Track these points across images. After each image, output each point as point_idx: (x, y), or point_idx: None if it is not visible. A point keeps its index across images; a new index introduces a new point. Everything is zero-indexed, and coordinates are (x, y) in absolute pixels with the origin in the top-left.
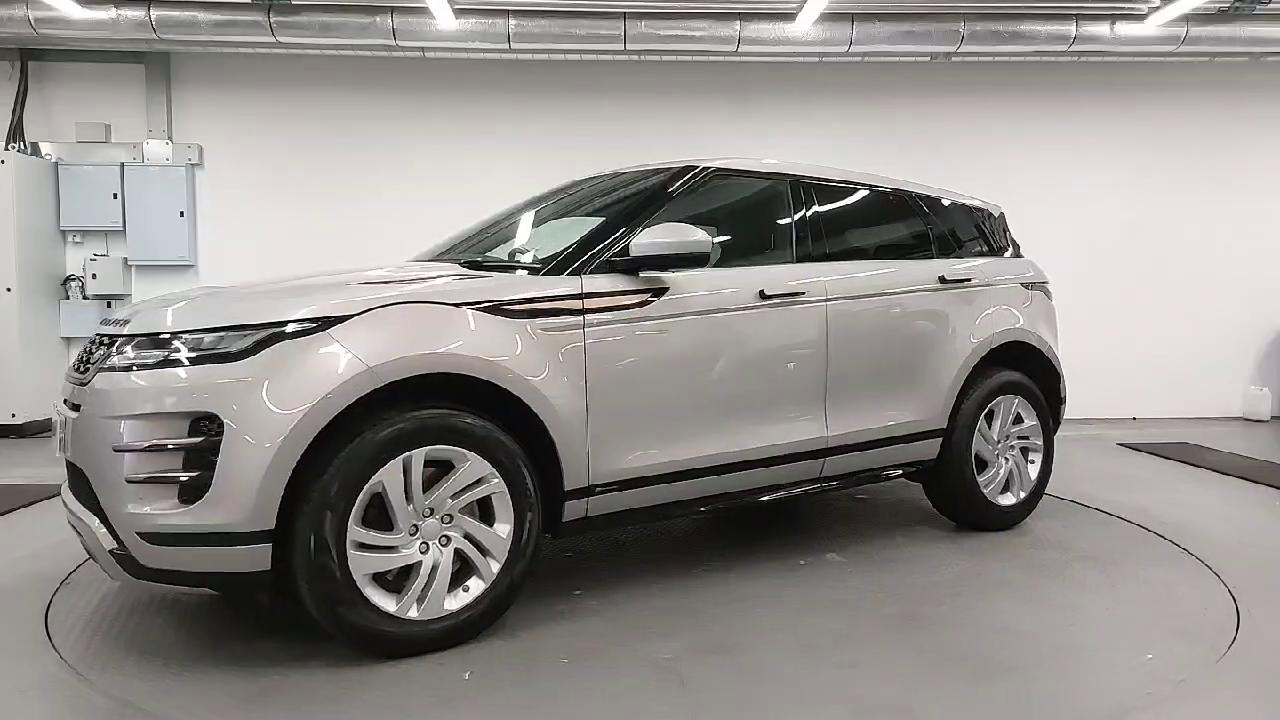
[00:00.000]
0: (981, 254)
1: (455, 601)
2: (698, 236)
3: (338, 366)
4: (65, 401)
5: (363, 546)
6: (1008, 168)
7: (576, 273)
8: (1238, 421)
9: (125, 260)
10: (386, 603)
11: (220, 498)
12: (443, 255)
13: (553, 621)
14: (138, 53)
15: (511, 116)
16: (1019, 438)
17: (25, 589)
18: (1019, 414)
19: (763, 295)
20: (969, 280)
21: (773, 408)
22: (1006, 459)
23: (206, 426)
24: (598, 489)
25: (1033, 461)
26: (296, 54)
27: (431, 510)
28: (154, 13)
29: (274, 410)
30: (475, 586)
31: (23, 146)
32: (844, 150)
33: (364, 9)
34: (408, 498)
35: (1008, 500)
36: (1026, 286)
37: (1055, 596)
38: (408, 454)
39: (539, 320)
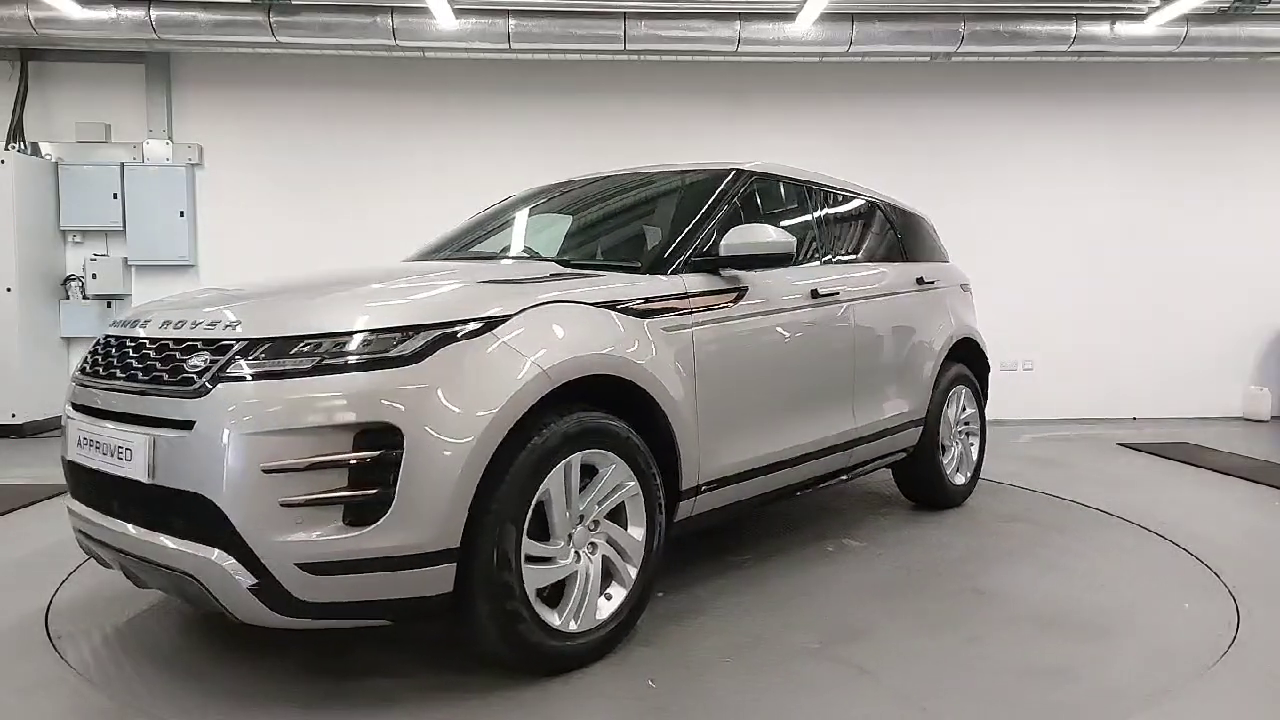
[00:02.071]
0: (931, 259)
1: (604, 610)
2: (785, 238)
3: (516, 369)
4: (125, 416)
5: (529, 559)
6: (1007, 168)
7: (676, 272)
8: (1238, 421)
9: (125, 260)
10: (551, 617)
11: (404, 516)
12: (466, 251)
13: (670, 624)
14: (138, 53)
15: (511, 117)
16: (964, 423)
17: (25, 589)
18: (965, 403)
19: (814, 294)
20: (935, 283)
21: (822, 401)
22: (958, 443)
23: (380, 438)
24: (703, 488)
25: (973, 444)
26: (296, 54)
27: (581, 517)
28: (154, 13)
29: (458, 417)
30: (617, 594)
31: (23, 146)
32: (844, 150)
33: (364, 9)
34: (565, 505)
35: (960, 480)
36: (962, 288)
37: (1077, 565)
38: (567, 459)
39: (658, 319)
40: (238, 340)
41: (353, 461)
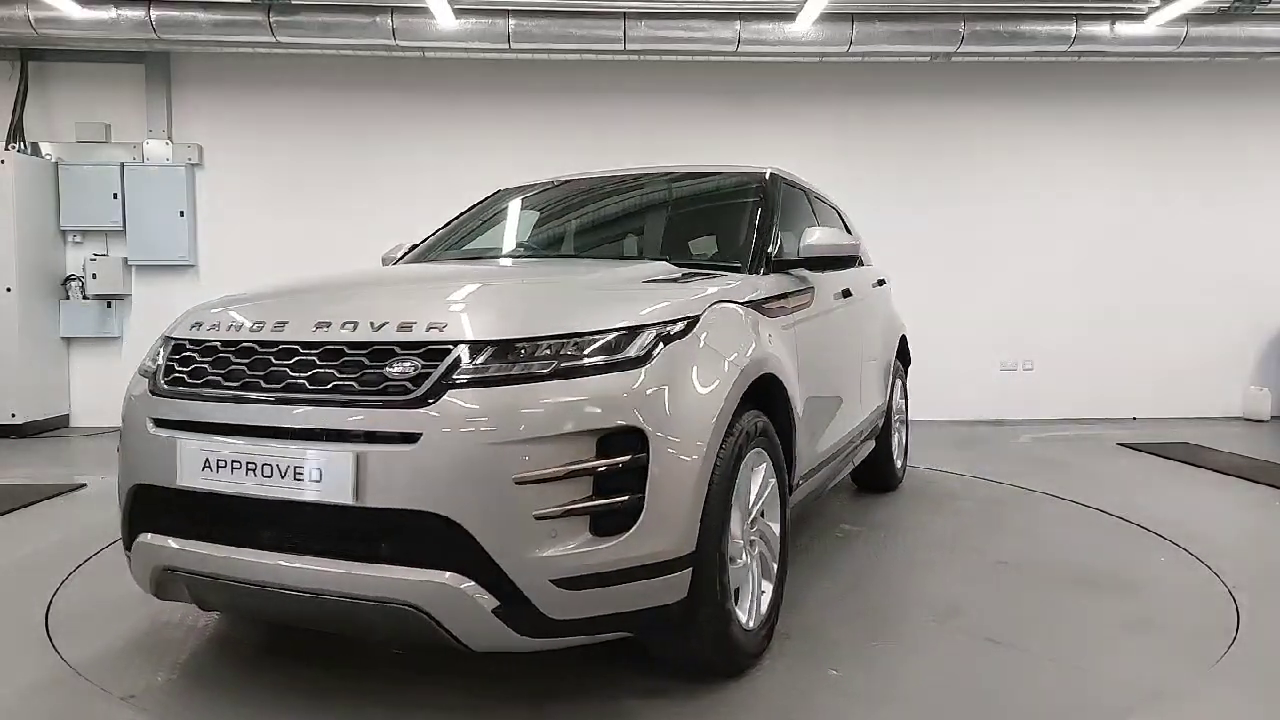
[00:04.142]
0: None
1: (764, 605)
2: (854, 240)
3: (722, 369)
4: (294, 432)
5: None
6: (1007, 167)
7: (768, 272)
8: (1238, 421)
9: (125, 260)
10: (741, 616)
11: (655, 523)
12: (518, 249)
13: (787, 615)
14: (138, 53)
15: (511, 116)
16: (899, 412)
17: (25, 589)
18: (901, 394)
19: (846, 294)
20: (885, 281)
21: (851, 394)
22: (899, 431)
23: (625, 442)
24: (800, 482)
25: (905, 432)
26: (296, 54)
27: (748, 515)
28: (154, 13)
29: (690, 419)
30: (767, 588)
31: (23, 146)
32: (844, 150)
33: (364, 9)
34: (746, 503)
35: (899, 464)
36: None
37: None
38: (745, 458)
39: (776, 319)
40: (452, 343)
41: (601, 468)
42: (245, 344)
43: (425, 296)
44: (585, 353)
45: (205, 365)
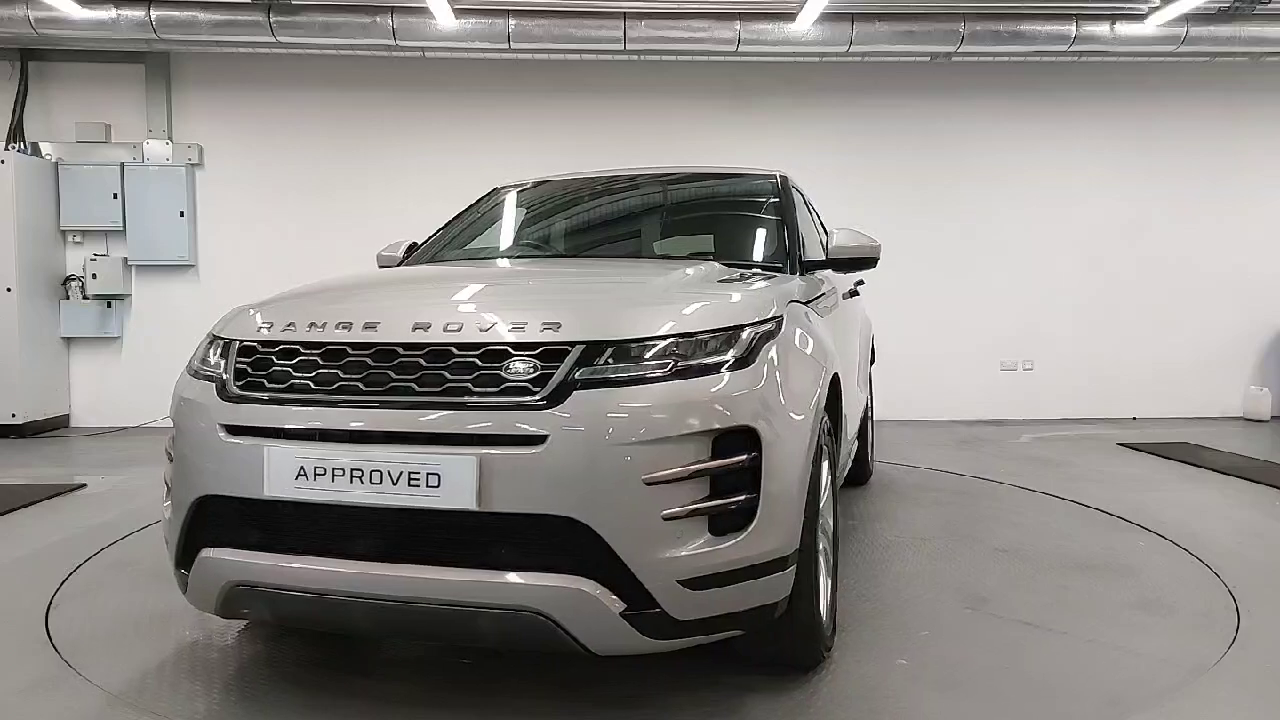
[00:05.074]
0: None
1: (827, 599)
2: (876, 241)
3: (812, 366)
4: (404, 436)
5: None
6: (1008, 168)
7: (804, 273)
8: (1238, 421)
9: (125, 260)
10: (821, 609)
11: (768, 521)
12: (545, 249)
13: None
14: (138, 53)
15: (511, 116)
16: (869, 408)
17: (25, 589)
18: (870, 391)
19: (852, 293)
20: (863, 281)
21: (854, 392)
22: (870, 425)
23: (740, 441)
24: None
25: (868, 426)
26: (296, 54)
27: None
28: (154, 13)
29: (793, 417)
30: (827, 583)
31: (23, 146)
32: (844, 150)
33: (364, 9)
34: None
35: (871, 456)
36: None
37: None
38: (819, 452)
39: (822, 319)
40: (570, 344)
41: (723, 468)
42: (334, 346)
43: (528, 296)
44: (697, 352)
45: (287, 369)
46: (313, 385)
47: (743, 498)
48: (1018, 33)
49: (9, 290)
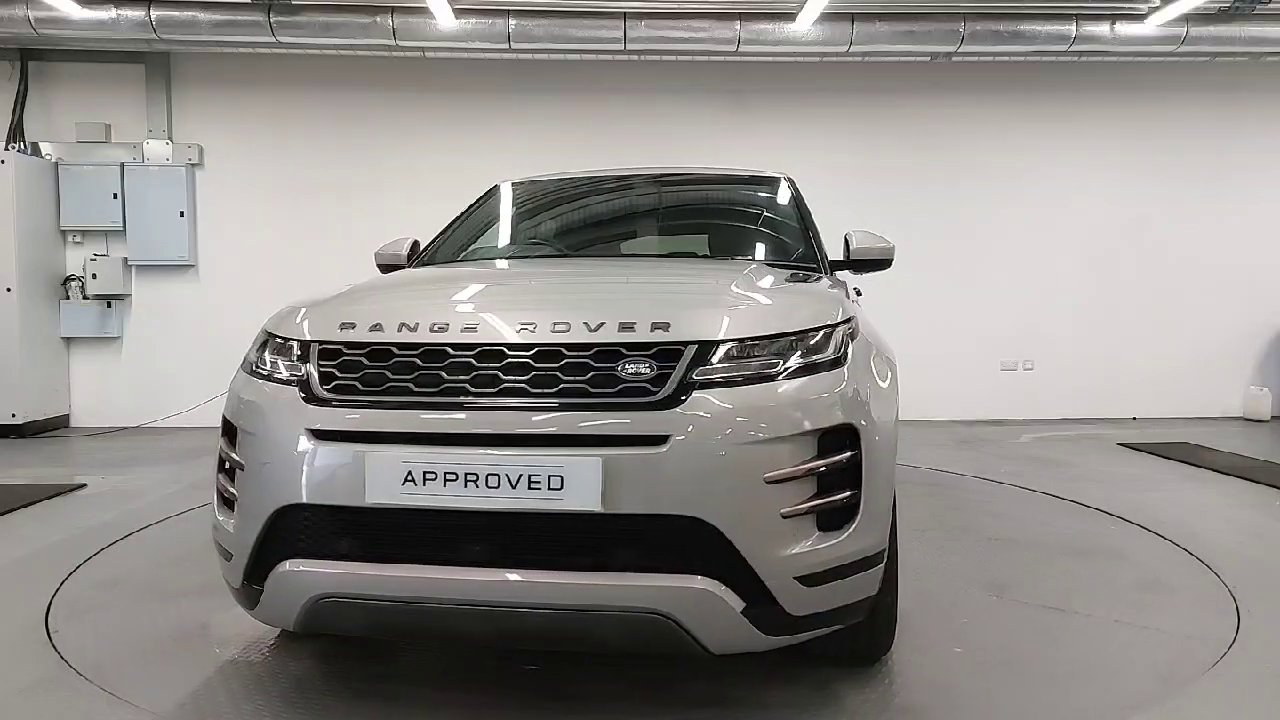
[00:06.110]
0: None
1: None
2: (890, 243)
3: (887, 364)
4: (521, 438)
5: None
6: (1008, 168)
7: (829, 273)
8: (1238, 421)
9: (125, 260)
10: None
11: (868, 518)
12: (564, 248)
13: None
14: (138, 53)
15: (511, 116)
16: None
17: (25, 589)
18: None
19: (857, 292)
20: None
21: None
22: None
23: (842, 439)
24: None
25: None
26: (296, 54)
27: None
28: (154, 13)
29: (882, 414)
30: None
31: (23, 146)
32: (843, 150)
33: (364, 9)
34: None
35: None
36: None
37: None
38: None
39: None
40: (684, 344)
41: (833, 466)
42: (433, 347)
43: (625, 296)
44: (799, 352)
45: (383, 371)
46: (413, 388)
47: (848, 494)
48: (1018, 33)
49: (9, 290)
